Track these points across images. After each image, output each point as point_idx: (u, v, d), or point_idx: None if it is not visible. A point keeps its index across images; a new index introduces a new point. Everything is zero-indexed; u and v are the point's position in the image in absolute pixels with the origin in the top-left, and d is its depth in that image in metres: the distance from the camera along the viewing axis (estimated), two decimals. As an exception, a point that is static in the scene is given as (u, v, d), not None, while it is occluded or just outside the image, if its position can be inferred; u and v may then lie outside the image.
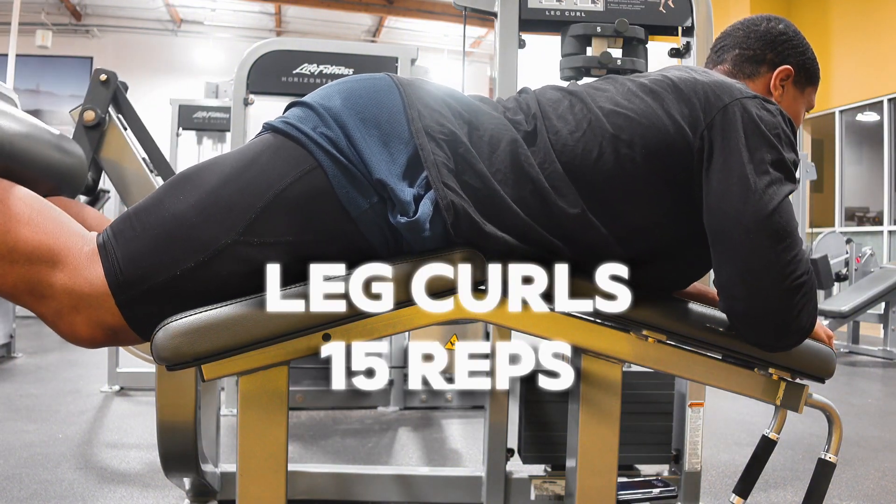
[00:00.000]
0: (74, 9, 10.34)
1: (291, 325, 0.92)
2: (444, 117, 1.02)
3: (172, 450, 1.59)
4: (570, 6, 1.87)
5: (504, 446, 1.88)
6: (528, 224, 1.01)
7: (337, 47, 3.07)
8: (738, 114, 1.01)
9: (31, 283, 0.90)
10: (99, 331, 0.94)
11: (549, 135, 1.04)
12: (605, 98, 1.07)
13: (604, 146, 1.02)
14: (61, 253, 0.91)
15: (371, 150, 0.97)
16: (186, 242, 0.93)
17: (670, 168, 1.03)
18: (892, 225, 7.22)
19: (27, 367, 4.01)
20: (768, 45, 1.22)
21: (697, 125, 1.02)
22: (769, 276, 0.97)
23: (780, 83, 1.22)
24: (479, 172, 1.00)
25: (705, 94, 1.04)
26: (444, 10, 9.95)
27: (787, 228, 0.98)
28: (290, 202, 0.95)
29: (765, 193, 0.97)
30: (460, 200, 0.98)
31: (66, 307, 0.92)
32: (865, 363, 5.02)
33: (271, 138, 1.01)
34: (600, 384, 1.08)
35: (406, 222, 0.95)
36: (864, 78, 7.37)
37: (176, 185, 0.98)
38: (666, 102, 1.04)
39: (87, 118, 1.48)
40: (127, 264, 0.92)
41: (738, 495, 1.23)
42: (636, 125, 1.03)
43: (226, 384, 2.80)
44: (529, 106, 1.08)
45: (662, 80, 1.07)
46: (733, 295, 1.01)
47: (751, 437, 2.82)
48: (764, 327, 1.01)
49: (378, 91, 1.03)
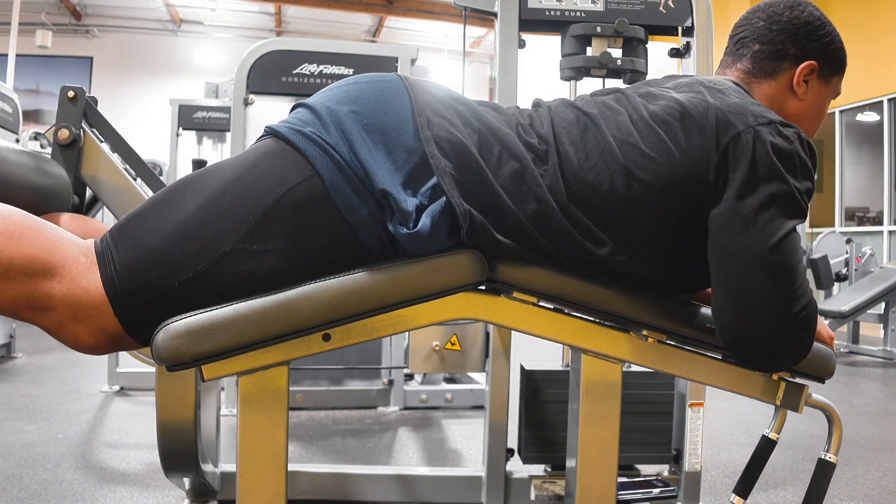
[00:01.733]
0: (74, 9, 10.34)
1: (291, 326, 0.92)
2: (453, 125, 1.00)
3: (172, 450, 1.59)
4: (570, 6, 1.87)
5: (504, 446, 1.88)
6: (535, 236, 1.01)
7: (337, 47, 3.07)
8: (750, 143, 0.98)
9: (30, 298, 0.90)
10: (102, 339, 0.93)
11: (562, 161, 1.03)
12: (618, 125, 1.04)
13: (615, 178, 1.01)
14: (57, 264, 0.90)
15: (374, 159, 0.96)
16: (186, 252, 0.92)
17: (682, 203, 1.02)
18: (892, 225, 7.22)
19: (27, 367, 4.01)
20: (791, 39, 1.15)
21: (710, 159, 1.00)
22: (762, 310, 0.96)
23: (803, 80, 1.16)
24: (487, 184, 0.99)
25: (716, 121, 1.00)
26: (444, 10, 9.95)
27: (786, 264, 0.96)
28: (288, 208, 0.94)
29: (765, 229, 0.96)
30: (473, 209, 0.98)
31: (67, 318, 0.91)
32: (865, 363, 5.02)
33: (272, 143, 1.00)
34: (600, 384, 1.08)
35: (406, 234, 0.95)
36: (864, 78, 7.36)
37: (176, 191, 0.97)
38: (678, 135, 1.01)
39: (61, 137, 1.46)
40: (124, 274, 0.91)
41: (738, 495, 1.23)
42: (648, 160, 1.01)
43: (226, 384, 2.81)
44: (543, 126, 1.07)
45: (673, 109, 1.03)
46: (725, 325, 1.00)
47: (751, 437, 2.82)
48: (754, 357, 1.01)
49: (387, 95, 1.02)
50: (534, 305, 1.05)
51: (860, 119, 7.92)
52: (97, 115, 1.53)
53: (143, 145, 8.50)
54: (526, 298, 1.05)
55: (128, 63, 10.60)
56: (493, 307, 1.04)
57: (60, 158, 1.46)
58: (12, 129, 3.82)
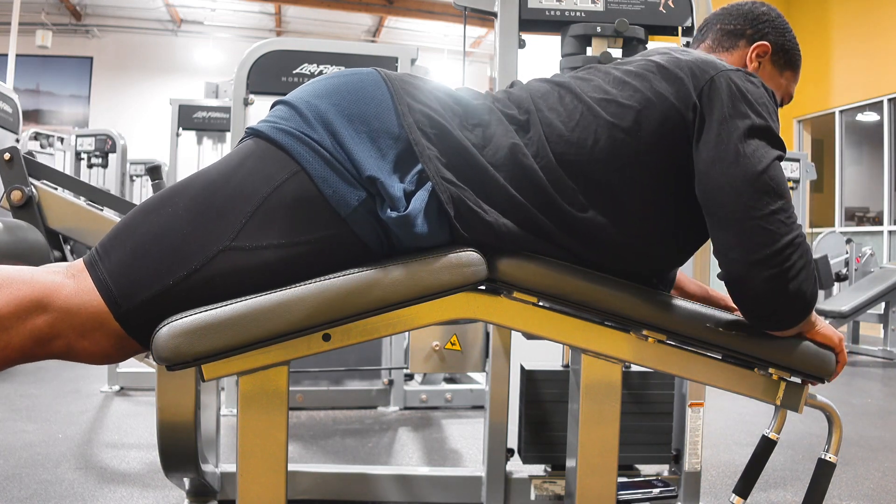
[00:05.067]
0: (74, 9, 10.33)
1: (291, 325, 0.92)
2: (433, 110, 1.02)
3: (172, 450, 1.59)
4: (570, 6, 1.87)
5: (504, 446, 1.88)
6: (528, 209, 1.02)
7: (337, 47, 3.07)
8: (724, 84, 1.03)
9: (33, 336, 0.90)
10: (110, 347, 0.94)
11: (543, 126, 1.05)
12: (593, 87, 1.09)
13: (599, 133, 1.04)
14: (43, 294, 0.90)
15: (359, 148, 0.97)
16: (178, 252, 0.92)
17: (669, 146, 1.05)
18: (892, 225, 7.22)
19: (27, 367, 4.01)
20: (748, 22, 1.25)
21: (688, 100, 1.04)
22: (764, 235, 0.97)
23: (756, 58, 1.23)
24: (472, 163, 1.00)
25: (690, 70, 1.06)
26: (444, 10, 9.95)
27: (778, 188, 0.99)
28: (279, 206, 0.94)
29: (752, 157, 0.99)
30: (459, 192, 0.98)
31: (73, 337, 0.92)
32: (865, 363, 5.01)
33: (254, 144, 1.00)
34: (600, 384, 1.08)
35: (396, 217, 0.95)
36: (864, 78, 7.36)
37: (162, 199, 0.97)
38: (654, 84, 1.06)
39: (14, 199, 1.46)
40: (117, 278, 0.92)
41: (738, 495, 1.23)
42: (628, 110, 1.04)
43: (226, 384, 2.81)
44: (521, 98, 1.09)
45: (647, 63, 1.09)
46: (731, 259, 1.00)
47: (751, 437, 2.82)
48: (764, 292, 0.99)
49: (365, 86, 1.03)
50: (534, 305, 1.05)
51: (860, 119, 7.91)
52: (40, 166, 1.52)
53: (143, 145, 8.50)
54: (526, 298, 1.05)
55: (128, 63, 10.60)
56: (493, 307, 1.04)
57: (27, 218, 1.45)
58: (12, 129, 3.82)
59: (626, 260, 1.09)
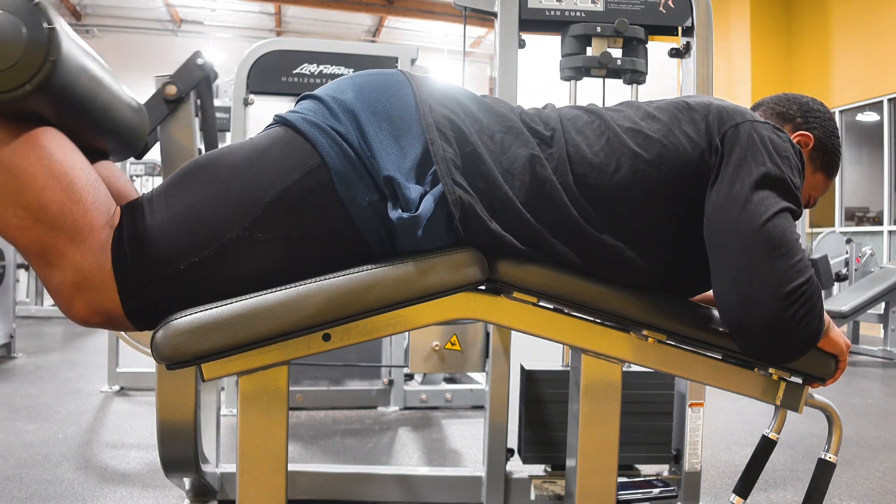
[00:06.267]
0: (74, 9, 10.34)
1: (292, 325, 0.92)
2: (454, 114, 1.02)
3: (172, 450, 1.59)
4: (570, 6, 1.87)
5: (504, 446, 1.88)
6: (536, 229, 1.01)
7: (337, 47, 3.07)
8: (747, 131, 1.04)
9: (44, 248, 0.90)
10: (95, 315, 0.94)
11: (568, 146, 1.05)
12: (623, 117, 1.10)
13: (622, 161, 1.04)
14: (84, 230, 0.91)
15: (382, 145, 0.97)
16: (194, 235, 0.93)
17: (688, 184, 1.05)
18: (892, 225, 7.22)
19: (27, 367, 4.01)
20: (800, 110, 1.27)
21: (712, 142, 1.05)
22: (762, 285, 0.95)
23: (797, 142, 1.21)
24: (484, 173, 1.00)
25: (718, 114, 1.07)
26: (444, 10, 9.96)
27: (782, 238, 0.97)
28: (294, 198, 0.95)
29: (760, 205, 0.98)
30: (468, 196, 0.98)
31: (69, 282, 0.92)
32: (865, 363, 5.02)
33: (282, 132, 1.00)
34: (600, 384, 1.08)
35: (406, 217, 0.95)
36: (864, 78, 7.36)
37: (188, 174, 0.98)
38: (682, 122, 1.07)
39: (168, 92, 1.51)
40: (135, 255, 0.92)
41: (738, 495, 1.23)
42: (654, 143, 1.05)
43: (226, 384, 2.81)
44: (550, 117, 1.10)
45: (678, 103, 1.11)
46: (728, 304, 0.99)
47: (751, 437, 2.82)
48: (762, 338, 0.98)
49: (390, 85, 1.04)
50: (534, 305, 1.05)
51: (860, 119, 7.91)
52: (207, 91, 1.55)
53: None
54: (526, 298, 1.04)
55: (128, 63, 10.60)
56: (493, 307, 1.04)
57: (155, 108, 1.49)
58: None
59: (635, 279, 1.09)
